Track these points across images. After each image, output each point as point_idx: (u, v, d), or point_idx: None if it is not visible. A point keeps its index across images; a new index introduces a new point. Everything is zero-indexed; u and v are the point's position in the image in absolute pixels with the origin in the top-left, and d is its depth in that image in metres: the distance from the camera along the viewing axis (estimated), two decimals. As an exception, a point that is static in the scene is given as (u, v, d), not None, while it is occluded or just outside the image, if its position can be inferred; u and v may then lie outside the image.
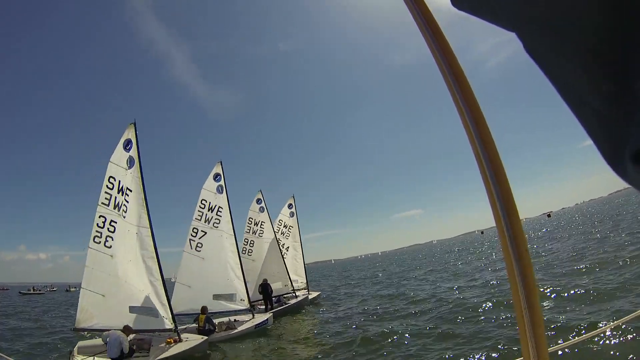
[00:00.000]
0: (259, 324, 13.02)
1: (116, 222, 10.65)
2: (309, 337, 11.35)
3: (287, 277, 18.46)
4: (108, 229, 10.52)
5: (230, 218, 15.07)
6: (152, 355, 9.29)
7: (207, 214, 14.63)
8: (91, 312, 10.11)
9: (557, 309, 8.62)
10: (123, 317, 10.08)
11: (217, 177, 15.33)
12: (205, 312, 12.25)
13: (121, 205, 10.71)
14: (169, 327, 10.58)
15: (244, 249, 18.21)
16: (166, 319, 10.63)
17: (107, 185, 10.70)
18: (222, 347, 10.94)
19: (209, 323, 12.03)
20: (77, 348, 9.42)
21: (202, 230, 14.33)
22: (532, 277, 0.72)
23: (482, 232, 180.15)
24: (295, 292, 18.57)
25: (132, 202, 11.00)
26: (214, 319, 12.49)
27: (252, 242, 18.53)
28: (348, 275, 45.15)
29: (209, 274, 13.80)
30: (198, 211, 14.60)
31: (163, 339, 10.36)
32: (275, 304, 17.05)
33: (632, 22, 0.31)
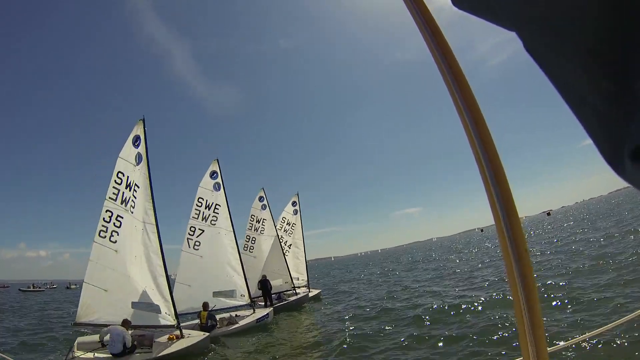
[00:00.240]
0: (259, 318, 13.10)
1: (122, 217, 10.64)
2: (308, 333, 11.42)
3: (288, 275, 18.51)
4: (114, 223, 10.51)
5: (229, 214, 15.01)
6: (154, 352, 9.28)
7: (204, 212, 14.58)
8: (93, 306, 10.08)
9: (557, 308, 8.60)
10: (125, 312, 10.07)
11: (213, 174, 15.27)
12: (207, 308, 12.29)
13: (129, 201, 10.73)
14: (172, 323, 10.59)
15: (246, 245, 18.31)
16: (169, 315, 10.67)
17: (115, 181, 10.69)
18: (224, 342, 11.00)
19: (211, 319, 12.08)
20: (76, 344, 9.37)
21: (199, 229, 14.29)
22: (531, 277, 0.72)
23: (482, 230, 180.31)
24: (296, 290, 18.62)
25: (139, 198, 11.05)
26: (215, 315, 12.53)
27: (253, 239, 18.61)
28: (348, 272, 45.26)
29: (207, 272, 13.81)
30: (195, 209, 14.55)
31: (164, 335, 10.37)
32: (276, 300, 17.10)
33: (632, 22, 0.31)
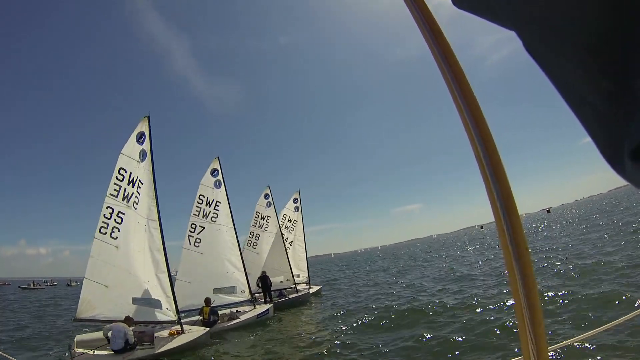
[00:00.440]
0: (260, 314, 13.22)
1: (124, 214, 10.62)
2: (308, 329, 11.49)
3: (290, 272, 18.56)
4: (115, 220, 10.50)
5: (230, 211, 15.13)
6: (156, 347, 9.33)
7: (205, 209, 14.68)
8: (93, 302, 10.07)
9: (557, 307, 8.53)
10: (125, 308, 10.10)
11: (214, 172, 15.39)
12: (209, 304, 12.39)
13: (131, 197, 10.72)
14: (173, 319, 10.66)
15: (249, 241, 18.38)
16: (170, 311, 10.73)
17: (116, 177, 10.69)
18: (225, 337, 11.08)
19: (214, 315, 12.17)
20: (75, 342, 9.30)
21: (200, 226, 14.38)
22: (532, 276, 0.72)
23: (482, 227, 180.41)
24: (297, 287, 18.61)
25: (143, 195, 11.07)
26: (218, 311, 12.63)
27: (257, 236, 18.66)
28: (348, 269, 45.36)
29: (208, 269, 13.88)
30: (196, 207, 14.66)
31: (165, 331, 10.41)
32: (277, 297, 17.19)
33: (631, 22, 0.31)
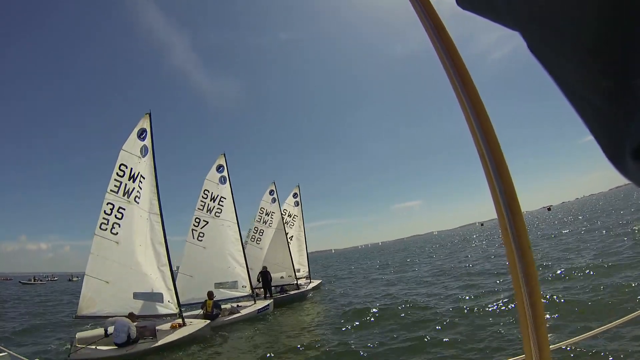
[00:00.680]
0: (261, 309, 13.35)
1: (124, 209, 10.74)
2: (308, 324, 11.56)
3: (292, 268, 18.65)
4: (115, 215, 10.63)
5: (234, 207, 15.33)
6: (159, 340, 9.45)
7: (209, 204, 14.85)
8: (94, 299, 10.17)
9: (559, 305, 8.45)
10: (127, 303, 10.19)
11: (220, 168, 15.56)
12: (212, 297, 12.48)
13: (132, 192, 10.85)
14: (174, 312, 10.78)
15: (253, 237, 18.44)
16: (171, 304, 10.84)
17: (117, 173, 10.82)
18: (225, 331, 11.20)
19: (217, 308, 12.28)
20: (77, 339, 9.31)
21: (204, 220, 14.55)
22: (534, 274, 0.72)
23: (482, 224, 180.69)
24: (298, 282, 18.71)
25: (145, 189, 11.19)
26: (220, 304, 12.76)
27: (261, 231, 18.71)
28: (348, 265, 45.47)
29: (210, 263, 14.01)
30: (200, 201, 14.82)
31: (167, 324, 10.52)
32: (278, 293, 17.30)
33: (631, 22, 0.31)
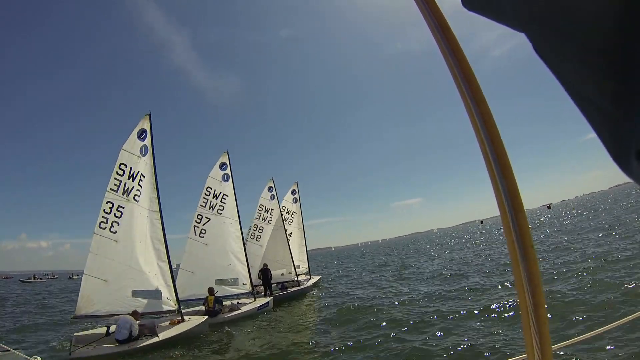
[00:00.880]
0: (261, 306, 13.46)
1: (124, 208, 10.89)
2: (308, 321, 11.65)
3: (292, 265, 18.73)
4: (115, 214, 10.76)
5: (236, 205, 15.43)
6: (160, 336, 9.55)
7: (211, 201, 14.94)
8: (92, 298, 10.22)
9: (561, 304, 8.36)
10: (125, 301, 10.26)
11: (223, 166, 15.69)
12: (213, 293, 12.57)
13: (131, 191, 11.03)
14: (173, 308, 10.90)
15: (253, 234, 18.48)
16: (170, 300, 10.94)
17: (117, 172, 11.00)
18: (225, 328, 11.29)
19: (219, 304, 12.39)
20: (75, 338, 9.32)
21: (206, 217, 14.63)
22: (537, 274, 0.71)
23: (482, 222, 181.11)
24: (298, 279, 18.82)
25: (145, 188, 11.38)
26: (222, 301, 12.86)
27: (261, 229, 18.74)
28: (348, 261, 45.59)
29: (211, 260, 14.10)
30: (203, 198, 14.90)
31: (166, 321, 10.62)
32: (279, 290, 17.42)
33: (637, 23, 0.31)
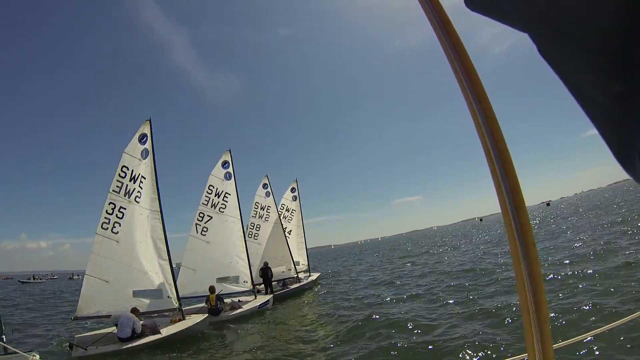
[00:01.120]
0: (262, 304, 13.54)
1: (125, 209, 11.14)
2: (308, 319, 11.70)
3: (291, 261, 18.80)
4: (117, 215, 11.00)
5: (238, 203, 15.51)
6: (164, 333, 9.66)
7: (213, 199, 14.99)
8: (93, 299, 10.32)
9: (563, 303, 8.14)
10: (126, 301, 10.34)
11: (225, 164, 15.75)
12: (214, 291, 12.62)
13: (133, 192, 11.33)
14: (174, 306, 11.02)
15: (250, 232, 18.47)
16: (171, 298, 11.06)
17: (119, 174, 11.30)
18: (228, 326, 11.37)
19: (220, 302, 12.44)
20: (76, 340, 9.31)
21: (208, 215, 14.67)
22: (538, 272, 0.71)
23: (481, 220, 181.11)
24: (298, 276, 18.94)
25: (145, 189, 11.65)
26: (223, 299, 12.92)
27: (258, 226, 18.75)
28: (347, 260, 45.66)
29: (213, 258, 14.16)
30: (205, 196, 14.94)
31: (167, 321, 10.68)
32: (280, 287, 17.53)
33: (637, 23, 0.31)
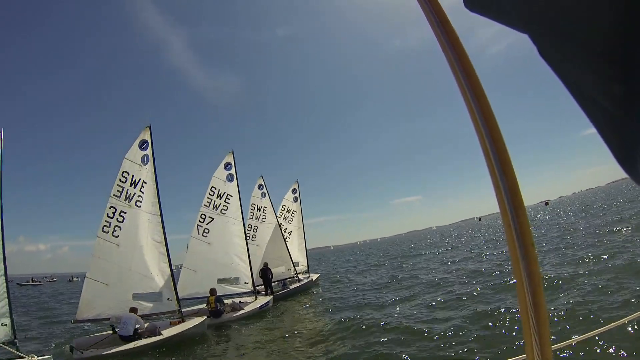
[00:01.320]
0: (262, 305, 13.60)
1: (126, 213, 11.34)
2: (309, 319, 11.80)
3: (290, 262, 18.82)
4: (117, 219, 11.19)
5: (240, 205, 15.60)
6: (159, 336, 9.72)
7: (215, 201, 15.03)
8: (93, 302, 10.44)
9: (563, 302, 8.13)
10: (126, 304, 10.46)
11: (227, 166, 15.80)
12: (214, 293, 12.68)
13: (133, 197, 11.57)
14: (174, 309, 11.17)
15: (247, 234, 18.33)
16: (170, 301, 11.20)
17: (120, 179, 11.54)
18: (229, 327, 11.47)
19: (220, 303, 12.50)
20: (75, 344, 9.37)
21: (209, 217, 14.72)
22: (537, 273, 0.71)
23: (480, 219, 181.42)
24: (298, 276, 18.97)
25: (147, 194, 11.86)
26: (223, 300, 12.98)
27: (255, 228, 18.72)
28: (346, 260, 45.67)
29: (214, 259, 14.21)
30: (207, 198, 14.98)
31: (167, 324, 10.76)
32: (280, 287, 17.60)
33: (637, 23, 0.31)
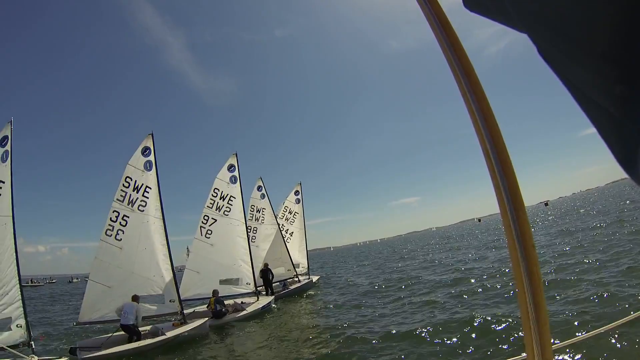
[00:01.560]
0: (264, 306, 13.63)
1: (128, 217, 11.58)
2: (310, 319, 11.85)
3: (290, 262, 18.80)
4: (120, 223, 11.43)
5: (243, 207, 15.62)
6: (160, 337, 9.89)
7: (218, 202, 15.08)
8: (96, 304, 10.56)
9: (563, 302, 8.11)
10: None
11: (231, 167, 15.85)
12: (216, 295, 12.78)
13: (136, 202, 11.88)
14: (176, 310, 11.32)
15: (247, 235, 18.43)
16: (172, 302, 11.34)
17: (123, 184, 11.86)
18: (232, 327, 11.62)
19: (220, 304, 12.55)
20: (78, 345, 9.48)
21: (212, 218, 14.79)
22: (538, 273, 0.71)
23: (480, 220, 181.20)
24: (299, 277, 18.95)
25: (151, 199, 12.12)
26: (224, 301, 13.02)
27: (255, 229, 18.70)
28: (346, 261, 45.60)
29: (217, 260, 14.25)
30: (210, 199, 15.04)
31: (169, 325, 10.90)
32: (281, 288, 17.66)
33: (638, 24, 0.30)
